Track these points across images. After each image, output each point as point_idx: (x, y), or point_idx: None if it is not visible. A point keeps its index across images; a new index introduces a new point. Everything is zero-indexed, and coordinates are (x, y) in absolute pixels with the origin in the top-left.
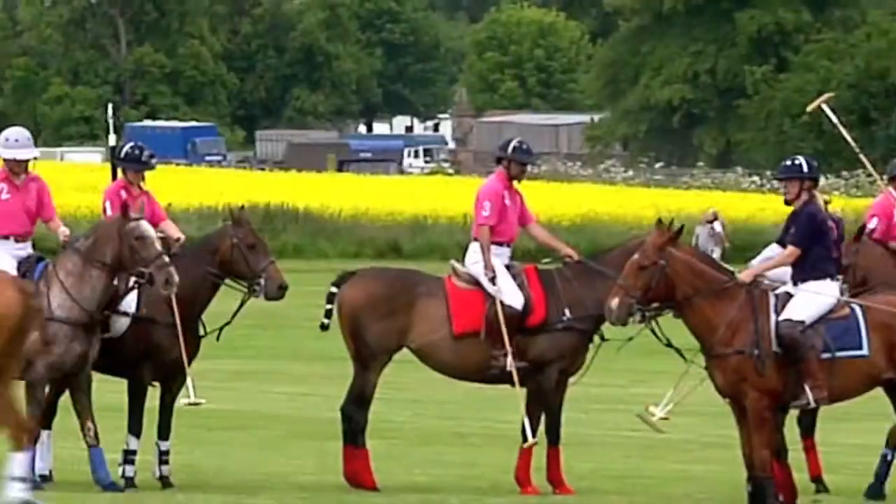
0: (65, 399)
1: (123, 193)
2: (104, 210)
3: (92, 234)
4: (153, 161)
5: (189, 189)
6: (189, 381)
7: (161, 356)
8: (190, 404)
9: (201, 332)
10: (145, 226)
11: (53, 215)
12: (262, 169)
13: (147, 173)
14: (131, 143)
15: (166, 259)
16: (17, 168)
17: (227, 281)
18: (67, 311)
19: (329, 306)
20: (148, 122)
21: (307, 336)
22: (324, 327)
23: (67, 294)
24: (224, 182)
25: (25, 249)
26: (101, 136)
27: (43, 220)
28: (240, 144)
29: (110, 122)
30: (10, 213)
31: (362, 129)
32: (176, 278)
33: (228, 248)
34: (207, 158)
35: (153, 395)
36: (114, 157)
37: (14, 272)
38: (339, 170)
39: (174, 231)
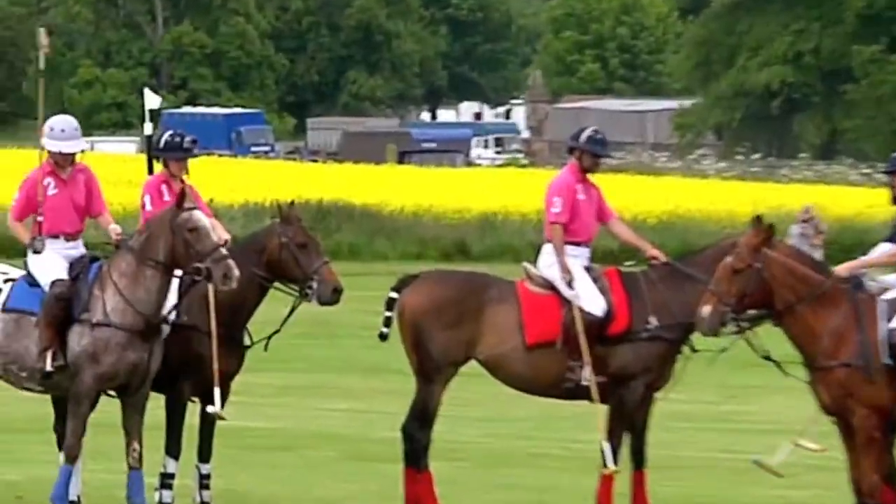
0: (94, 416)
1: (164, 188)
2: (143, 206)
3: (145, 230)
4: (196, 149)
5: (233, 183)
6: (216, 390)
7: (203, 369)
8: (216, 416)
9: (247, 341)
10: (199, 216)
11: (104, 210)
12: (314, 161)
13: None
14: (170, 131)
15: (224, 251)
16: (64, 161)
17: (277, 285)
18: (121, 315)
19: (388, 313)
20: (187, 109)
21: (363, 346)
22: (382, 337)
23: (121, 297)
24: (272, 175)
25: (77, 249)
26: (135, 125)
27: (92, 216)
28: (289, 134)
29: (146, 108)
30: (58, 209)
31: (425, 116)
32: (236, 272)
33: (277, 248)
34: (253, 149)
35: (193, 411)
36: (150, 147)
37: (65, 274)
38: (400, 162)
39: (220, 231)
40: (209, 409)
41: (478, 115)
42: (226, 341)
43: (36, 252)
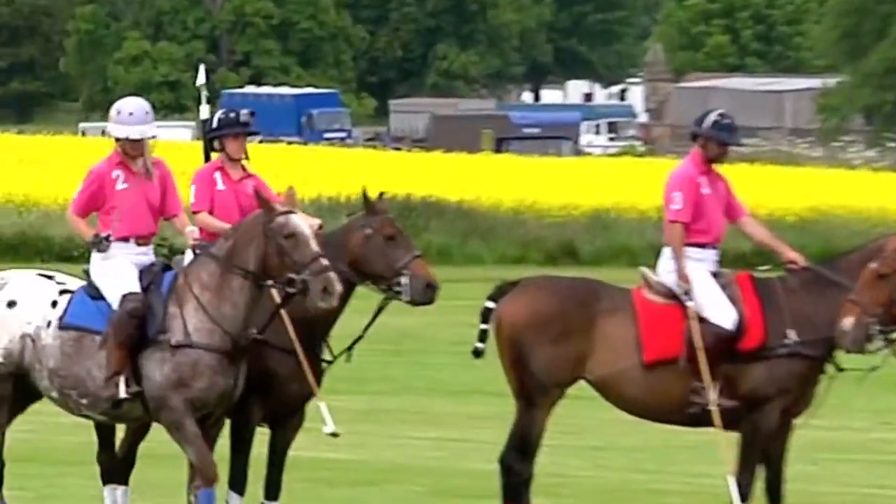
0: (143, 447)
1: (219, 176)
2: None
3: (231, 235)
4: (254, 125)
5: (303, 175)
6: (323, 406)
7: (276, 389)
8: (330, 434)
9: (326, 356)
10: (297, 220)
11: (180, 211)
12: (398, 149)
13: (251, 155)
14: (224, 109)
15: (325, 262)
16: (134, 150)
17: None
18: (207, 335)
19: (484, 326)
20: (251, 89)
21: (455, 365)
22: (477, 353)
23: (206, 314)
24: (349, 166)
25: (148, 255)
26: (190, 107)
27: (166, 218)
28: (369, 118)
29: (202, 88)
30: (129, 208)
31: (527, 97)
32: (338, 287)
33: (361, 241)
34: (327, 135)
35: (260, 440)
36: (206, 131)
37: (136, 284)
38: (498, 150)
39: (310, 219)
40: (326, 429)
41: (588, 96)
42: (305, 357)
43: (100, 252)
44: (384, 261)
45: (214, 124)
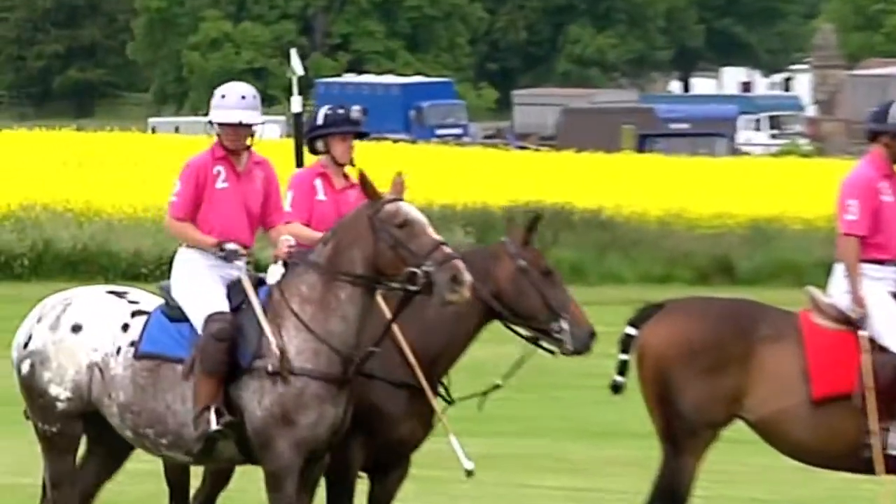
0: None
1: (320, 184)
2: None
3: (331, 238)
4: (363, 124)
5: (412, 177)
6: (454, 441)
7: (381, 431)
8: (467, 473)
9: (444, 394)
10: (408, 206)
11: (281, 220)
12: (523, 148)
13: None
14: (330, 105)
15: (448, 249)
16: (239, 140)
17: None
18: (313, 358)
19: (624, 356)
20: (350, 78)
21: (589, 402)
22: (616, 388)
23: (309, 332)
24: (464, 168)
25: (242, 269)
26: (278, 99)
27: (266, 228)
28: (489, 112)
29: (294, 75)
30: (227, 213)
31: (675, 87)
32: (467, 276)
33: (513, 274)
34: (440, 132)
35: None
36: (299, 128)
37: (223, 303)
38: (640, 149)
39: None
40: (467, 465)
41: (746, 86)
42: (417, 394)
43: (227, 261)
44: (540, 301)
45: (320, 121)
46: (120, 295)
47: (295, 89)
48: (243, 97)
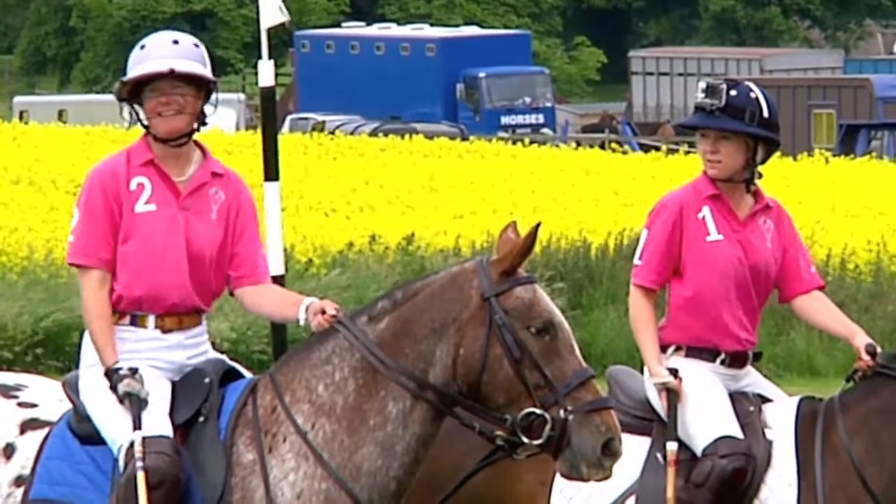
0: None
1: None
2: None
3: (392, 309)
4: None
5: (464, 198)
6: None
7: None
8: None
9: None
10: (548, 299)
11: (262, 274)
12: (647, 148)
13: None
14: None
15: (599, 388)
16: (171, 112)
17: None
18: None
19: None
20: (354, 29)
21: None
22: None
23: (320, 465)
24: (551, 179)
25: (196, 350)
26: (234, 66)
27: (234, 285)
28: (590, 86)
29: (268, 25)
30: (152, 251)
31: None
32: (621, 444)
33: None
34: (507, 120)
35: None
36: (268, 113)
37: (162, 417)
38: (847, 149)
39: None
40: None
41: None
42: None
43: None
44: None
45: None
46: (8, 391)
47: (264, 49)
48: (175, 42)
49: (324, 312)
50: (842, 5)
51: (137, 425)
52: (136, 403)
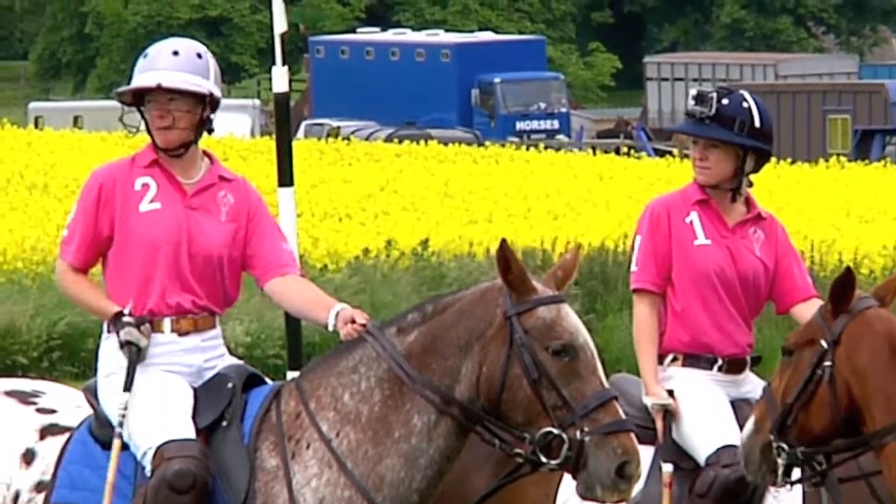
0: None
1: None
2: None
3: (422, 322)
4: None
5: (479, 204)
6: None
7: None
8: None
9: None
10: (574, 319)
11: (291, 266)
12: (662, 153)
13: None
14: None
15: (620, 409)
16: (164, 125)
17: None
18: None
19: None
20: (369, 35)
21: None
22: None
23: (343, 474)
24: (566, 186)
25: (212, 353)
26: (248, 70)
27: (263, 278)
28: (604, 91)
29: (280, 32)
30: (158, 249)
31: None
32: (640, 467)
33: None
34: (522, 126)
35: None
36: (283, 119)
37: (185, 421)
38: (862, 154)
39: None
40: None
41: None
42: None
43: (127, 347)
44: None
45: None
46: (26, 397)
47: (278, 55)
48: (176, 53)
49: (353, 321)
50: (856, 11)
51: (130, 382)
52: (133, 353)
